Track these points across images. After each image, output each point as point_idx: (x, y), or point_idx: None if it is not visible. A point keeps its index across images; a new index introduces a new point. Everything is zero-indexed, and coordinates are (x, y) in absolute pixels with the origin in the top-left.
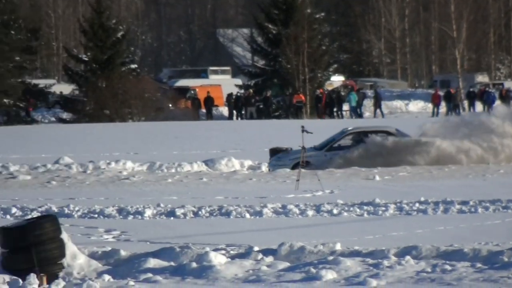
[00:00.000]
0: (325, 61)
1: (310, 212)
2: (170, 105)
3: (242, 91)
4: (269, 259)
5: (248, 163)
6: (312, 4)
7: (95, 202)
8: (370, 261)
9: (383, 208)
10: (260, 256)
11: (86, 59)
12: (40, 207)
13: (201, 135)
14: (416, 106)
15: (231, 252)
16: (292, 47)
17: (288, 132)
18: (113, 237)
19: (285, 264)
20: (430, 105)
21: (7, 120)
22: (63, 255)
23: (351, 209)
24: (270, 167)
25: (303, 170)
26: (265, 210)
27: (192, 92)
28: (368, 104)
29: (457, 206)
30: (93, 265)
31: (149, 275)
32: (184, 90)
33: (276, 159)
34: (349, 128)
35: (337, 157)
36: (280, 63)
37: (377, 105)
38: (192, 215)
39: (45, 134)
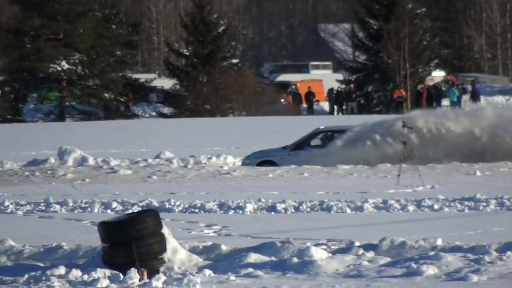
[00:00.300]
0: (426, 56)
1: (411, 207)
2: (282, 100)
3: (343, 86)
4: (370, 254)
5: None
6: None
7: (196, 197)
8: (471, 256)
9: (484, 204)
10: (361, 251)
11: (187, 53)
12: (140, 201)
13: (302, 130)
14: None
15: (332, 247)
16: (393, 42)
17: None
18: (214, 232)
19: (386, 259)
20: None
21: (108, 114)
22: (164, 249)
23: (452, 204)
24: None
25: (403, 165)
26: (366, 205)
27: (293, 87)
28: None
29: None
30: (194, 259)
31: (250, 270)
32: (285, 85)
33: (246, 157)
34: (321, 127)
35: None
36: (381, 58)
37: (474, 100)
38: (293, 210)
39: (145, 128)
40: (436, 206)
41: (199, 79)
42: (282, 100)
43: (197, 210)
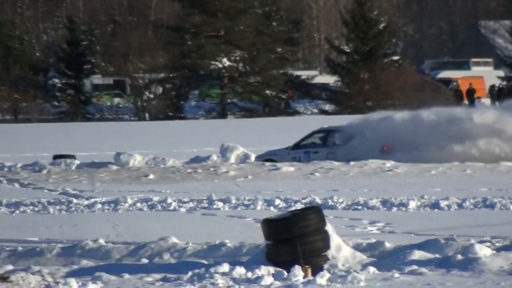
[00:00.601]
0: None
1: None
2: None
3: (505, 82)
4: None
5: None
6: None
7: (359, 194)
8: None
9: None
10: None
11: (348, 50)
12: (303, 198)
13: None
14: None
15: (497, 244)
16: None
17: None
18: (377, 229)
19: None
20: None
21: (269, 111)
22: (327, 247)
23: None
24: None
25: None
26: None
27: (454, 83)
28: None
29: None
30: (358, 257)
31: (414, 267)
32: (446, 82)
33: (257, 156)
34: (325, 127)
35: None
36: None
37: None
38: (456, 207)
39: (307, 125)
40: None
41: (360, 76)
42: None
43: (360, 207)
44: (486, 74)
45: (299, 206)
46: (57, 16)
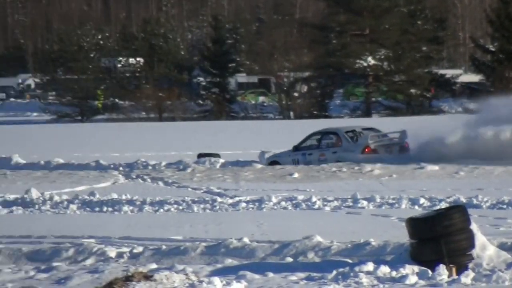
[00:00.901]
0: None
1: None
2: None
3: None
4: None
5: None
6: None
7: (504, 193)
8: None
9: None
10: None
11: (493, 49)
12: (448, 197)
13: None
14: None
15: None
16: None
17: None
18: None
19: None
20: None
21: (413, 110)
22: (472, 246)
23: None
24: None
25: None
26: None
27: None
28: None
29: None
30: (503, 256)
31: None
32: None
33: (267, 159)
34: (321, 130)
35: None
36: None
37: None
38: None
39: (449, 124)
40: None
41: (505, 75)
42: None
43: (505, 206)
44: None
45: (443, 205)
46: (202, 15)
